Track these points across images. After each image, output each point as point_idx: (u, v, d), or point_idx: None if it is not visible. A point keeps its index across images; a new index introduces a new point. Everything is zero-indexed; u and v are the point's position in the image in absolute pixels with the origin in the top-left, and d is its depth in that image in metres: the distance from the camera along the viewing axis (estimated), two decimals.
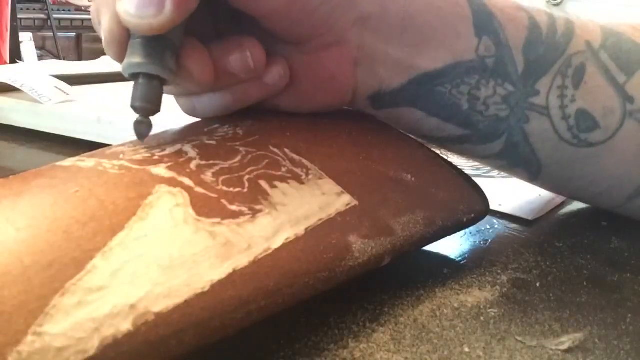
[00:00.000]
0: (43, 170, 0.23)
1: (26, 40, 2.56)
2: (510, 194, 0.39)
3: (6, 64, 1.64)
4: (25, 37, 2.55)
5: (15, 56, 2.00)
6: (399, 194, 0.27)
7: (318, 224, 0.23)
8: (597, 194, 0.35)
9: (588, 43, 0.32)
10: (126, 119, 0.45)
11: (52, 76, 0.55)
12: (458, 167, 0.33)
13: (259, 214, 0.22)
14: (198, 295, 0.19)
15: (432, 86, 0.30)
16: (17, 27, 2.27)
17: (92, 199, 0.20)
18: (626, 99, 0.32)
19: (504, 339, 0.23)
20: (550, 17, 0.32)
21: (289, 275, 0.21)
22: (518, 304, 0.26)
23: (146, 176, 0.22)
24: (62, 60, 1.55)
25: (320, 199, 0.24)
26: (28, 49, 2.53)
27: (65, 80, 0.54)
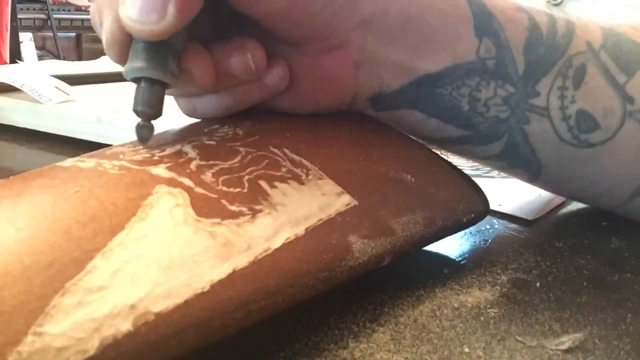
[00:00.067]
0: (43, 170, 0.23)
1: (26, 40, 2.56)
2: (510, 194, 0.39)
3: (6, 64, 1.64)
4: (25, 37, 2.55)
5: (15, 56, 2.00)
6: (399, 194, 0.27)
7: (318, 224, 0.23)
8: (597, 194, 0.35)
9: (588, 43, 0.32)
10: (126, 119, 0.45)
11: (52, 76, 0.55)
12: (458, 167, 0.33)
13: (259, 214, 0.22)
14: (198, 295, 0.19)
15: (433, 88, 0.30)
16: (17, 27, 2.27)
17: (92, 199, 0.20)
18: (626, 100, 0.32)
19: (504, 339, 0.23)
20: (550, 18, 0.32)
21: (289, 275, 0.21)
22: (518, 304, 0.26)
23: (146, 176, 0.22)
24: (62, 60, 1.56)
25: (320, 199, 0.24)
26: (28, 49, 2.53)
27: (65, 80, 0.54)
